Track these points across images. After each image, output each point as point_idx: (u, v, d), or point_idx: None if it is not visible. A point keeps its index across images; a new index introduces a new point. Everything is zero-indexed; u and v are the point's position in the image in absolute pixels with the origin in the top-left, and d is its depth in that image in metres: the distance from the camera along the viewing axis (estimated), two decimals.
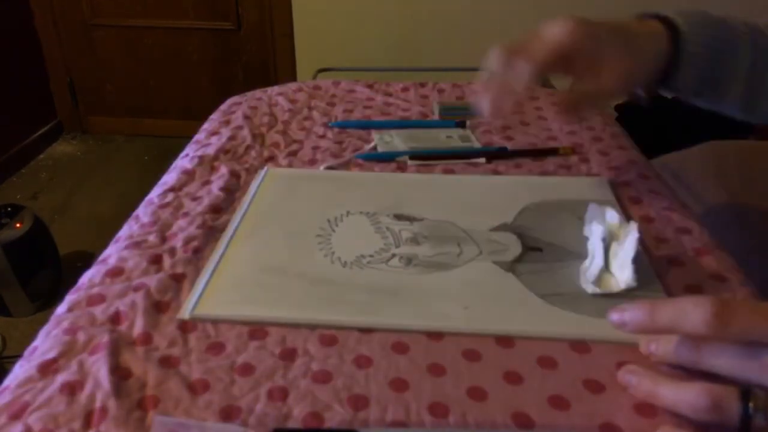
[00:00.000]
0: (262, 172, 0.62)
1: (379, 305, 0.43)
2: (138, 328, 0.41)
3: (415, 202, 0.55)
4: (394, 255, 0.48)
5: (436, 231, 0.51)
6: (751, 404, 0.31)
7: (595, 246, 0.47)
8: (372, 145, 0.68)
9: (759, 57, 0.54)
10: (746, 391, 0.32)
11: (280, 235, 0.51)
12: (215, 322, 0.42)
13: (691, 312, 0.33)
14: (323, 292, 0.45)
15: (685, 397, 0.33)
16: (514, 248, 0.49)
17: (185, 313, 0.43)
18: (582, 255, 0.48)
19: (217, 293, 0.45)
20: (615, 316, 0.37)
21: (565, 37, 0.49)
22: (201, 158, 0.65)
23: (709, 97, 0.56)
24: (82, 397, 0.36)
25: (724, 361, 0.34)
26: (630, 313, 0.36)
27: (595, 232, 0.48)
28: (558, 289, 0.45)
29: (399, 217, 0.53)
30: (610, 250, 0.47)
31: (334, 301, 0.44)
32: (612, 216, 0.49)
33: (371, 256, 0.48)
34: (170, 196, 0.58)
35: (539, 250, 0.49)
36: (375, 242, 0.50)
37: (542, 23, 0.50)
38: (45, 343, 0.40)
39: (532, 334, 0.41)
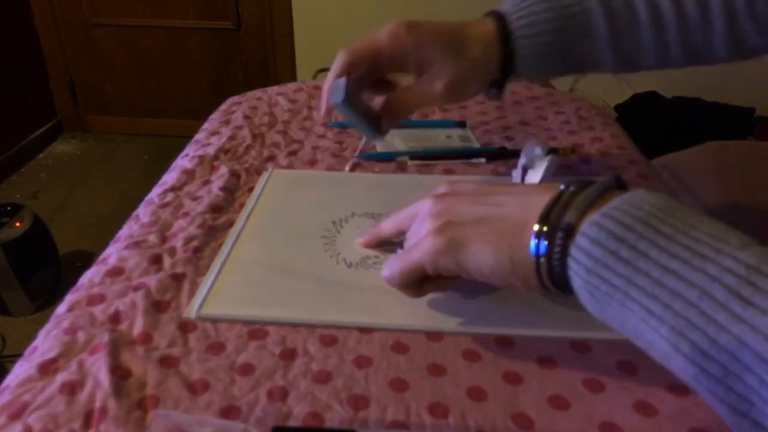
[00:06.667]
0: (266, 174, 0.62)
1: (381, 305, 0.43)
2: (138, 327, 0.41)
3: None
4: None
5: None
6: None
7: (514, 174, 0.57)
8: (364, 139, 0.68)
9: (616, 20, 0.52)
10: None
11: (285, 236, 0.52)
12: (218, 321, 0.42)
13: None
14: (329, 292, 0.45)
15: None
16: None
17: (191, 312, 0.43)
18: None
19: (223, 293, 0.45)
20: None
21: (384, 39, 0.50)
22: (201, 158, 0.65)
23: (571, 72, 0.56)
24: (82, 397, 0.36)
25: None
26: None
27: (519, 162, 0.56)
28: None
29: None
30: (526, 177, 0.55)
31: (339, 301, 0.44)
32: (537, 150, 0.55)
33: (376, 257, 0.49)
34: (170, 196, 0.58)
35: None
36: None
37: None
38: (45, 343, 0.40)
39: (533, 334, 0.41)
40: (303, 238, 0.51)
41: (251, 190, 0.59)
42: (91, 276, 0.47)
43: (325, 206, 0.56)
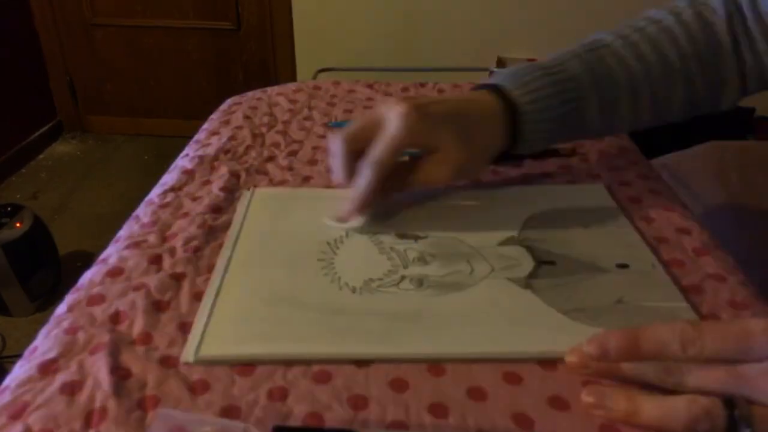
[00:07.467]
0: (248, 194, 0.58)
1: (399, 333, 0.41)
2: (138, 327, 0.41)
3: (414, 217, 0.54)
4: (403, 277, 0.46)
5: (443, 248, 0.50)
6: (736, 412, 0.32)
7: None
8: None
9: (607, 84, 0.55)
10: (729, 400, 0.33)
11: (279, 262, 0.48)
12: (218, 364, 0.39)
13: (670, 339, 0.34)
14: (338, 322, 0.42)
15: (675, 410, 0.33)
16: (527, 263, 0.48)
17: (189, 356, 0.39)
18: (594, 267, 0.47)
19: (220, 331, 0.41)
20: (594, 347, 0.36)
21: (403, 132, 0.49)
22: (201, 158, 0.65)
23: (570, 140, 0.61)
24: (82, 397, 0.36)
25: (700, 377, 0.34)
26: (614, 341, 0.35)
27: None
28: (580, 305, 0.43)
29: (402, 236, 0.51)
30: None
31: (351, 331, 0.41)
32: None
33: (380, 279, 0.46)
34: (170, 196, 0.58)
35: (552, 264, 0.48)
36: (381, 264, 0.48)
37: (380, 108, 0.51)
38: (45, 343, 0.40)
39: (562, 355, 0.38)
40: (298, 262, 0.48)
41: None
42: (91, 276, 0.47)
43: (315, 227, 0.52)
